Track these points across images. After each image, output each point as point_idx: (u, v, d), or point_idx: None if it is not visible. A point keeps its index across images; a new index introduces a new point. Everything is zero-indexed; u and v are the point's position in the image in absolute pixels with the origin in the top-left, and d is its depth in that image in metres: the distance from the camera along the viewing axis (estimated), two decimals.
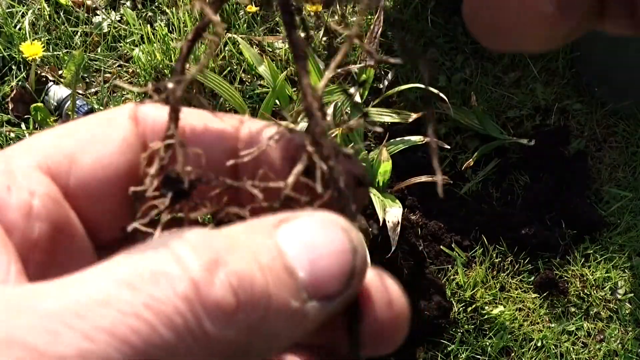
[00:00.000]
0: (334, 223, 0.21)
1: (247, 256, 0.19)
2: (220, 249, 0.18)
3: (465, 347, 1.36)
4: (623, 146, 1.62)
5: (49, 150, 0.23)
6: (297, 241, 0.20)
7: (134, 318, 0.16)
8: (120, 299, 0.17)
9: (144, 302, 0.17)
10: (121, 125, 0.24)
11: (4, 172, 0.22)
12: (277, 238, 0.20)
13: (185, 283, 0.17)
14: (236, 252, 0.19)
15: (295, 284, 0.19)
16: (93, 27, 1.63)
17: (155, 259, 0.18)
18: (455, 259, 1.43)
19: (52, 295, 0.17)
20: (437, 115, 1.59)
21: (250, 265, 0.18)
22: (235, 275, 0.18)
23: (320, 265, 0.19)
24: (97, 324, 0.16)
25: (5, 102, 1.50)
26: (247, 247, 0.19)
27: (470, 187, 1.53)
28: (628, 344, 1.40)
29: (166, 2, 1.66)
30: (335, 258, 0.20)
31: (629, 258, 1.50)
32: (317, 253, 0.20)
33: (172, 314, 0.17)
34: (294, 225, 0.20)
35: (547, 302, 1.44)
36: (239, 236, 0.19)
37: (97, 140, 0.24)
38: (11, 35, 1.56)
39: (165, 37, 1.58)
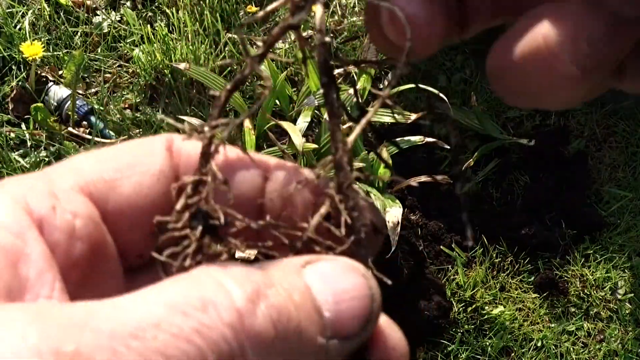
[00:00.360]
0: (355, 269, 0.23)
1: (283, 292, 0.20)
2: (260, 282, 0.20)
3: (465, 347, 1.36)
4: (623, 146, 1.62)
5: (90, 174, 0.25)
6: (322, 283, 0.21)
7: (185, 342, 0.18)
8: (172, 323, 0.18)
9: (194, 327, 0.18)
10: (159, 155, 0.26)
11: (48, 193, 0.23)
12: (305, 278, 0.21)
13: (231, 312, 0.19)
14: (273, 287, 0.20)
15: (322, 322, 0.21)
16: (93, 27, 1.63)
17: (202, 288, 0.19)
18: (455, 259, 1.43)
19: (111, 316, 0.18)
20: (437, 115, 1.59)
21: (286, 301, 0.20)
22: (274, 308, 0.20)
23: (343, 307, 0.21)
24: (151, 345, 0.18)
25: (5, 102, 1.50)
26: (283, 284, 0.21)
27: (470, 187, 1.53)
28: (628, 344, 1.40)
29: (166, 2, 1.66)
30: (357, 302, 0.22)
31: (629, 258, 1.50)
32: (341, 296, 0.21)
33: (219, 340, 0.18)
34: (319, 268, 0.22)
35: (547, 302, 1.44)
36: (273, 272, 0.21)
37: (137, 168, 0.25)
38: (11, 35, 1.56)
39: (165, 37, 1.58)
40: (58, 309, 0.19)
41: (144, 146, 0.26)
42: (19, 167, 1.39)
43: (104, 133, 1.48)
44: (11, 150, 1.42)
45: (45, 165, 1.42)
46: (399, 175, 1.41)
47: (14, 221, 0.22)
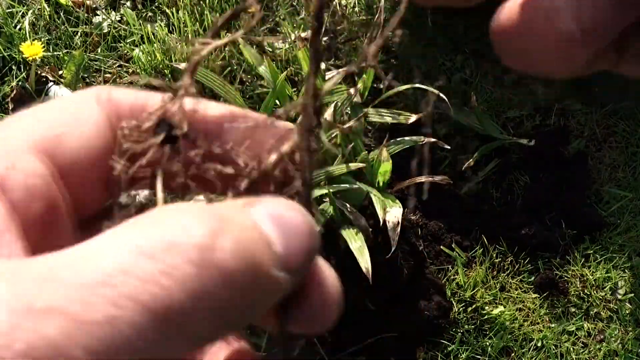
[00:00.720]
0: (297, 207, 0.24)
1: (238, 227, 0.21)
2: (218, 218, 0.21)
3: (466, 347, 1.36)
4: (623, 146, 1.62)
5: (40, 130, 0.25)
6: (269, 219, 0.22)
7: (153, 285, 0.18)
8: (139, 267, 0.19)
9: (160, 270, 0.19)
10: (100, 106, 0.27)
11: (4, 152, 0.24)
12: (253, 216, 0.22)
13: (194, 249, 0.19)
14: (229, 223, 0.21)
15: (274, 255, 0.22)
16: (93, 27, 1.63)
17: (164, 228, 0.20)
18: (455, 259, 1.43)
19: (77, 267, 0.19)
20: (437, 116, 1.59)
21: (243, 233, 0.21)
22: (234, 242, 0.20)
23: (290, 242, 0.22)
24: (122, 291, 0.18)
25: (6, 102, 1.50)
26: (237, 220, 0.21)
27: (470, 187, 1.53)
28: (628, 344, 1.40)
29: (166, 2, 1.66)
30: (301, 237, 0.23)
31: (629, 258, 1.50)
32: (287, 231, 0.22)
33: (185, 278, 0.19)
34: (264, 206, 0.23)
35: (547, 302, 1.44)
36: (224, 211, 0.22)
37: (81, 120, 0.26)
38: (11, 35, 1.56)
39: (166, 37, 1.58)
40: (23, 264, 0.19)
41: (85, 98, 0.27)
42: None
43: None
44: None
45: None
46: (398, 175, 1.41)
47: None
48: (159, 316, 0.18)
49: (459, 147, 1.56)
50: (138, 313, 0.18)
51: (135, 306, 0.18)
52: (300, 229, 0.23)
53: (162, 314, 0.18)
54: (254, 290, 0.21)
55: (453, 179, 1.44)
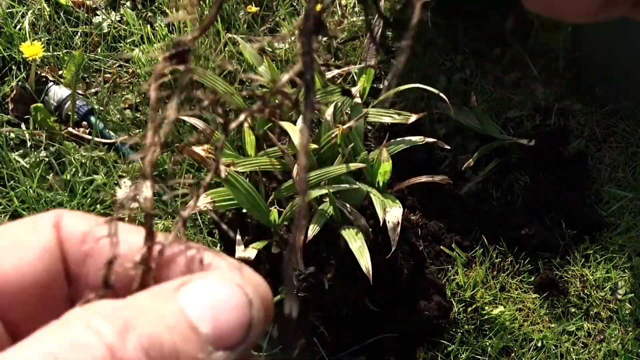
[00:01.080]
0: (229, 281, 0.23)
1: (154, 320, 0.21)
2: (129, 315, 0.21)
3: (466, 347, 1.36)
4: (623, 146, 1.62)
5: None
6: (198, 301, 0.22)
7: None
8: None
9: None
10: (44, 232, 0.27)
11: None
12: (179, 300, 0.22)
13: (102, 349, 0.20)
14: (144, 317, 0.21)
15: (199, 339, 0.22)
16: (93, 27, 1.63)
17: (73, 330, 0.20)
18: (455, 259, 1.43)
19: None
20: (437, 116, 1.59)
21: (158, 327, 0.21)
22: (144, 338, 0.20)
23: (220, 320, 0.22)
24: None
25: (5, 102, 1.50)
26: (153, 312, 0.22)
27: (470, 187, 1.53)
28: (628, 344, 1.40)
29: (166, 2, 1.66)
30: (234, 312, 0.22)
31: (629, 258, 1.50)
32: (217, 309, 0.22)
33: None
34: (193, 287, 0.23)
35: (547, 302, 1.44)
36: (144, 302, 0.22)
37: (19, 246, 0.26)
38: (11, 35, 1.56)
39: (165, 37, 1.58)
40: None
41: (30, 224, 0.27)
42: (18, 168, 1.39)
43: (104, 133, 1.48)
44: (11, 150, 1.42)
45: (45, 166, 1.42)
46: (399, 175, 1.41)
47: None
48: None
49: (459, 147, 1.56)
50: None
51: None
52: (231, 303, 0.22)
53: None
54: None
55: (453, 179, 1.44)
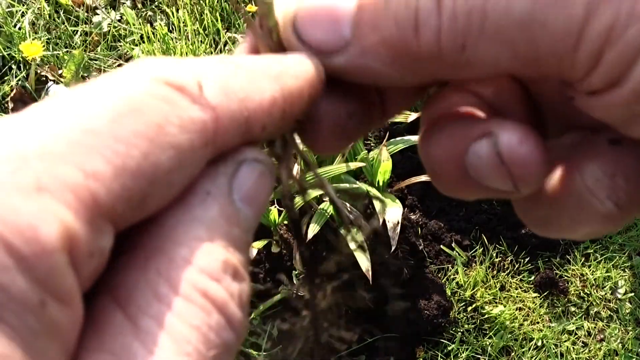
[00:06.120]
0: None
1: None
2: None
3: (466, 347, 1.36)
4: None
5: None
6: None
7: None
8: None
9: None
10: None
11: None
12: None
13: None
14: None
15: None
16: (93, 26, 1.63)
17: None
18: (455, 258, 1.43)
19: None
20: None
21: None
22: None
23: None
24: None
25: (5, 102, 1.50)
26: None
27: None
28: (628, 343, 1.40)
29: (166, 2, 1.66)
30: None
31: (629, 257, 1.50)
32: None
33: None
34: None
35: (547, 302, 1.44)
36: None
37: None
38: (11, 34, 1.56)
39: (165, 37, 1.58)
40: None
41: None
42: None
43: None
44: None
45: None
46: (399, 175, 1.41)
47: None
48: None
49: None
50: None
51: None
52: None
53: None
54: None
55: None
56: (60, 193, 0.16)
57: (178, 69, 0.20)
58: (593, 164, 0.23)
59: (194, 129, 0.19)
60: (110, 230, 0.18)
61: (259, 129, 0.21)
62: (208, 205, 0.20)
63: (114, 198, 0.17)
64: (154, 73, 0.19)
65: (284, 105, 0.22)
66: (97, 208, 0.17)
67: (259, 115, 0.21)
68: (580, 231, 0.25)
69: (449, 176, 0.26)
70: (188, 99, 0.19)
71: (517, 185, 0.24)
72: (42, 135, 0.17)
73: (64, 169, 0.17)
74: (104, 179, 0.17)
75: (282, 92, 0.22)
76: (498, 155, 0.24)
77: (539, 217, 0.26)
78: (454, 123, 0.26)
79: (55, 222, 0.16)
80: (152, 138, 0.18)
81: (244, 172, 0.21)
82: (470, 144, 0.25)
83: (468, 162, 0.25)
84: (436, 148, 0.26)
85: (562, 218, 0.25)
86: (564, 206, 0.24)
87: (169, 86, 0.19)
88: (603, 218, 0.23)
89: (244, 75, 0.21)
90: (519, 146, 0.24)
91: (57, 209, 0.16)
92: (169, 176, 0.19)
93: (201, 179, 0.20)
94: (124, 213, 0.18)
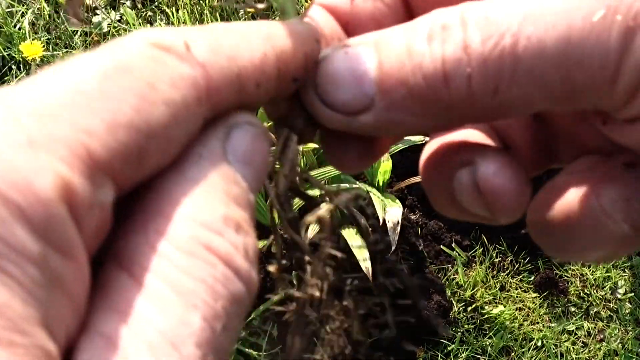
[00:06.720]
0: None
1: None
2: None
3: (466, 347, 1.36)
4: None
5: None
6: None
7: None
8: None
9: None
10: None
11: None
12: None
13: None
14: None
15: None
16: (93, 26, 1.63)
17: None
18: (455, 258, 1.43)
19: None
20: None
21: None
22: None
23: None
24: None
25: None
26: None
27: None
28: (628, 343, 1.40)
29: (166, 2, 1.66)
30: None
31: (628, 257, 1.50)
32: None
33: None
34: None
35: (547, 302, 1.44)
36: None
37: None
38: (11, 35, 1.56)
39: None
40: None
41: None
42: None
43: None
44: None
45: None
46: (399, 175, 1.41)
47: None
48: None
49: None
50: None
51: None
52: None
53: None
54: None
55: None
56: (53, 147, 0.16)
57: (166, 33, 0.20)
58: (609, 187, 0.24)
59: (184, 85, 0.19)
60: (109, 184, 0.18)
61: (253, 86, 0.21)
62: (202, 166, 0.20)
63: (109, 152, 0.17)
64: (143, 37, 0.20)
65: (278, 63, 0.22)
66: (92, 161, 0.17)
67: (251, 71, 0.21)
68: (595, 254, 0.25)
69: (440, 199, 0.28)
70: (176, 57, 0.20)
71: (493, 214, 0.25)
72: (34, 97, 0.17)
73: (57, 125, 0.17)
74: (97, 134, 0.17)
75: (273, 50, 0.22)
76: (476, 184, 0.25)
77: (555, 241, 0.26)
78: (447, 150, 0.27)
79: (50, 174, 0.16)
80: (143, 94, 0.18)
81: (237, 135, 0.21)
82: (457, 171, 0.26)
83: (453, 188, 0.26)
84: (431, 172, 0.28)
85: (577, 241, 0.25)
86: (580, 229, 0.24)
87: (156, 47, 0.19)
88: (619, 240, 0.24)
89: (233, 35, 0.21)
90: (494, 177, 0.25)
91: (52, 161, 0.16)
92: (166, 132, 0.19)
93: (194, 144, 0.20)
94: (122, 168, 0.18)
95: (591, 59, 0.20)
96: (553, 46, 0.20)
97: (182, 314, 0.18)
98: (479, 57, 0.21)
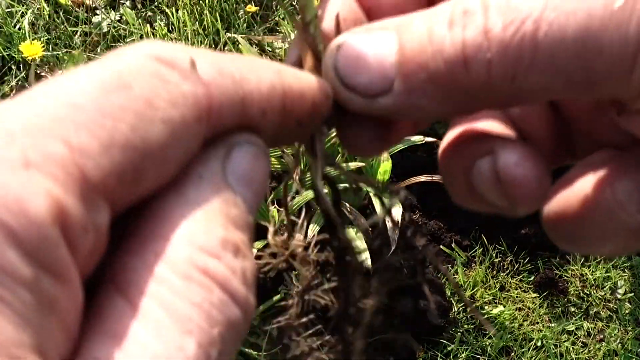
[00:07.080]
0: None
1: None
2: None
3: (465, 347, 1.36)
4: None
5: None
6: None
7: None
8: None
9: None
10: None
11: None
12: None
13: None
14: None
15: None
16: (93, 26, 1.63)
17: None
18: (455, 258, 1.43)
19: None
20: None
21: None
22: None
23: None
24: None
25: None
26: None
27: None
28: (628, 343, 1.40)
29: (166, 2, 1.66)
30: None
31: (628, 257, 1.50)
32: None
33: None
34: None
35: (547, 302, 1.44)
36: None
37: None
38: (11, 35, 1.56)
39: (165, 37, 1.58)
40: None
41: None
42: None
43: None
44: None
45: None
46: (399, 175, 1.41)
47: None
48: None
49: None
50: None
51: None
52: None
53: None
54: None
55: None
56: (47, 167, 0.16)
57: (172, 48, 0.20)
58: (623, 178, 0.24)
59: (184, 103, 0.19)
60: (104, 206, 0.17)
61: (258, 112, 0.21)
62: (202, 187, 0.20)
63: (103, 172, 0.17)
64: (147, 51, 0.19)
65: (285, 98, 0.22)
66: (86, 182, 0.17)
67: (257, 97, 0.21)
68: (608, 246, 0.25)
69: (459, 188, 0.28)
70: (179, 74, 0.19)
71: (513, 204, 0.25)
72: (29, 112, 0.17)
73: (51, 143, 0.16)
74: (91, 153, 0.17)
75: (282, 84, 0.22)
76: (496, 173, 0.25)
77: (567, 233, 0.26)
78: (467, 138, 0.27)
79: (44, 195, 0.16)
80: (141, 112, 0.18)
81: (237, 155, 0.21)
82: (477, 160, 0.26)
83: (473, 177, 0.26)
84: (450, 160, 0.28)
85: (591, 233, 0.25)
86: (594, 221, 0.24)
87: (159, 62, 0.19)
88: (632, 232, 0.24)
89: (242, 62, 0.21)
90: (515, 167, 0.25)
91: (45, 182, 0.16)
92: (164, 151, 0.18)
93: (193, 164, 0.20)
94: (118, 189, 0.18)
95: (611, 48, 0.20)
96: (573, 33, 0.20)
97: (177, 340, 0.17)
98: (500, 42, 0.21)
